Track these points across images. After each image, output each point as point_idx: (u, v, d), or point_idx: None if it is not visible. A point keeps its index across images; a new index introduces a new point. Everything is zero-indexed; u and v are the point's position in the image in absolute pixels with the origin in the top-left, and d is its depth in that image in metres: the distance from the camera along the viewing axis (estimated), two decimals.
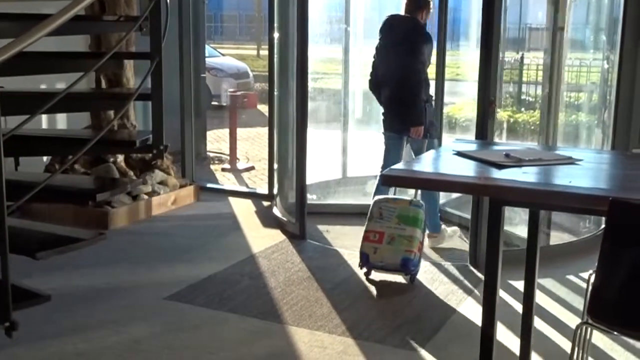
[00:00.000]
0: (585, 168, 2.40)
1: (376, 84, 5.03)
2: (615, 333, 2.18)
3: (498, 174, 2.26)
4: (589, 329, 2.13)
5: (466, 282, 4.30)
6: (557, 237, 4.96)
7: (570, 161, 2.47)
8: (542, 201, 2.13)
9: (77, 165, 5.36)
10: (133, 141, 3.49)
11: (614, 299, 2.02)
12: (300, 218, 5.07)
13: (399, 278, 4.32)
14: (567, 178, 2.24)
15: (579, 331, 2.10)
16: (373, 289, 4.19)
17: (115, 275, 4.34)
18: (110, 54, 3.04)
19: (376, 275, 4.33)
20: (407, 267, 4.19)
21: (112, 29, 4.69)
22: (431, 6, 4.96)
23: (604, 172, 2.48)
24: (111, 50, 3.38)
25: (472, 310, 3.87)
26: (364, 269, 4.32)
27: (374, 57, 5.04)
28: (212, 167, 7.77)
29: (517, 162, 2.39)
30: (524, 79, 10.15)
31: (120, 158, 5.62)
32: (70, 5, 2.57)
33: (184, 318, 3.75)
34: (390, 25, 4.92)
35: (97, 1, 5.14)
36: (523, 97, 10.34)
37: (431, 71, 5.82)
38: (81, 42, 5.44)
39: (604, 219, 2.04)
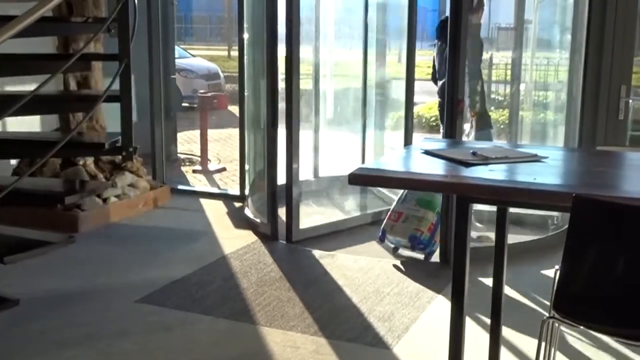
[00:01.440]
0: (551, 165, 2.44)
1: (434, 80, 5.62)
2: (581, 327, 2.21)
3: (465, 172, 2.29)
4: (556, 324, 2.17)
5: (437, 280, 4.34)
6: (526, 234, 5.03)
7: (535, 159, 2.51)
8: (507, 198, 2.17)
9: (45, 168, 5.30)
10: (102, 143, 3.48)
11: (579, 294, 2.06)
12: (272, 218, 5.07)
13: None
14: (532, 175, 2.27)
15: (545, 326, 2.13)
16: (345, 288, 4.21)
17: (85, 279, 4.31)
18: (77, 56, 3.02)
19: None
20: (414, 243, 4.67)
21: (80, 31, 4.66)
22: (482, 8, 5.17)
23: (568, 169, 2.52)
24: (78, 52, 3.35)
25: (443, 307, 3.90)
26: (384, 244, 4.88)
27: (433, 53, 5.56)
28: (183, 168, 7.74)
29: (484, 160, 2.42)
30: (494, 78, 10.25)
31: (90, 160, 5.58)
32: (37, 7, 2.56)
33: (156, 320, 3.74)
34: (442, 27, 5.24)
35: (64, 2, 5.09)
36: (493, 96, 10.45)
37: (401, 71, 5.87)
38: (48, 43, 5.39)
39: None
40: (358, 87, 7.52)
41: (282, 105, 6.31)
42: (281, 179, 5.08)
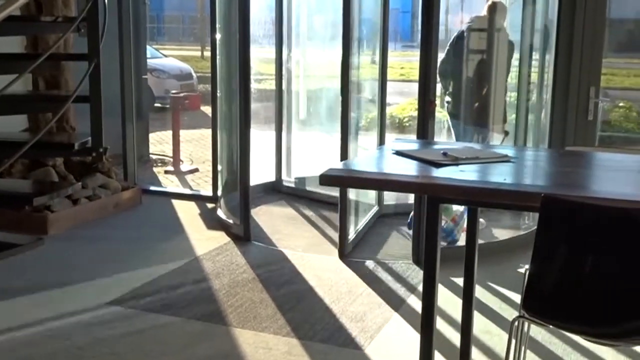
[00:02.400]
0: (520, 165, 2.46)
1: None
2: (551, 326, 2.23)
3: (436, 173, 2.30)
4: (526, 323, 2.18)
5: (409, 280, 4.35)
6: (499, 234, 5.07)
7: (506, 159, 2.52)
8: (477, 198, 2.18)
9: (14, 169, 5.23)
10: (71, 144, 3.45)
11: (548, 293, 2.08)
12: (244, 219, 5.05)
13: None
14: (502, 175, 2.29)
15: (514, 325, 2.15)
16: (318, 289, 4.21)
17: (55, 282, 4.25)
18: (46, 56, 2.99)
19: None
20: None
21: (49, 30, 4.60)
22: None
23: (538, 169, 2.55)
24: (47, 52, 3.31)
25: (415, 307, 3.92)
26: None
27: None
28: (155, 169, 7.68)
29: (454, 160, 2.44)
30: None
31: (60, 161, 5.51)
32: (4, 5, 2.52)
33: (127, 323, 3.70)
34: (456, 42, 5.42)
35: (33, 1, 5.03)
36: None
37: (374, 72, 5.89)
38: (17, 43, 5.32)
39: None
40: (331, 87, 7.52)
41: (255, 106, 6.31)
42: (254, 180, 5.08)
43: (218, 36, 5.67)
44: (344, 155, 4.73)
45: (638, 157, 2.83)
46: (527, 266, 2.20)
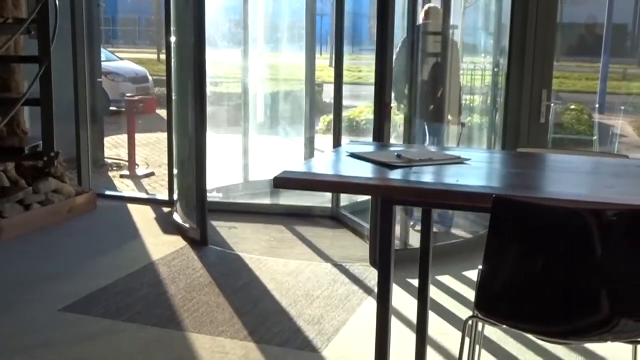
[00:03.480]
0: (473, 167, 2.49)
1: None
2: (504, 326, 2.26)
3: (389, 175, 2.31)
4: (480, 323, 2.20)
5: (366, 283, 4.37)
6: (454, 235, 5.12)
7: (459, 161, 2.55)
8: (430, 200, 2.20)
9: None
10: (22, 148, 3.38)
11: (500, 293, 2.10)
12: (201, 223, 5.01)
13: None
14: (455, 177, 2.31)
15: (468, 325, 2.17)
16: (275, 292, 4.19)
17: (6, 289, 4.16)
18: None
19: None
20: (442, 220, 5.14)
21: None
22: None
23: (490, 171, 2.58)
24: None
25: (372, 309, 3.91)
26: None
27: None
28: (111, 174, 7.58)
29: (408, 162, 2.45)
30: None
31: (11, 166, 5.39)
32: None
33: (80, 330, 3.64)
34: None
35: None
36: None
37: (330, 75, 5.91)
38: None
39: None
40: (289, 91, 7.52)
41: (211, 109, 6.26)
42: (211, 184, 5.04)
43: (173, 39, 5.62)
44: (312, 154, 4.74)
45: (587, 158, 2.89)
46: (480, 267, 2.22)
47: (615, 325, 2.03)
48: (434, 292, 4.19)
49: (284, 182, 2.22)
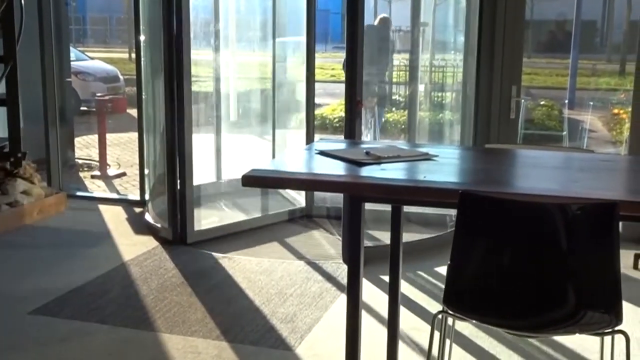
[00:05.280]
0: (441, 163, 2.50)
1: None
2: (474, 321, 2.28)
3: (358, 172, 2.32)
4: (449, 318, 2.22)
5: (339, 280, 4.38)
6: (426, 232, 5.14)
7: (427, 157, 2.56)
8: (397, 196, 2.21)
9: None
10: None
11: (467, 288, 2.12)
12: (172, 223, 4.98)
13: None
14: (423, 173, 2.32)
15: (437, 319, 2.18)
16: (248, 291, 4.18)
17: None
18: None
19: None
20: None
21: None
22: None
23: (457, 166, 2.59)
24: None
25: (344, 306, 3.92)
26: None
27: None
28: (82, 174, 7.50)
29: (376, 159, 2.46)
30: (394, 79, 10.47)
31: None
32: None
33: (50, 332, 3.60)
34: None
35: None
36: (394, 97, 10.67)
37: (301, 73, 5.91)
38: None
39: None
40: (261, 89, 7.50)
41: None
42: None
43: (142, 38, 5.58)
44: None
45: (554, 153, 2.92)
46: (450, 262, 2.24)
47: (582, 317, 2.06)
48: (406, 288, 4.22)
49: (252, 181, 2.21)
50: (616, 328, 2.06)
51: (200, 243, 5.06)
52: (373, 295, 4.05)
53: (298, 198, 6.02)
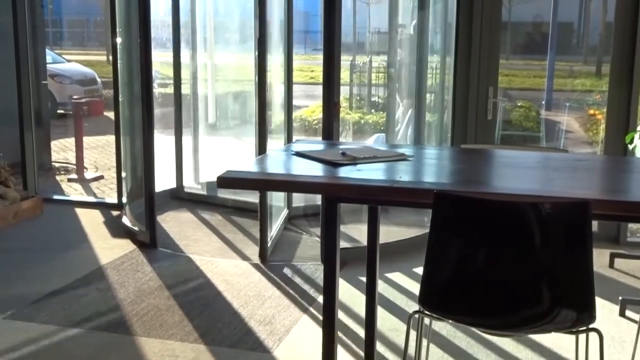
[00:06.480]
0: (417, 164, 2.51)
1: None
2: (450, 321, 2.28)
3: (334, 173, 2.31)
4: (426, 318, 2.22)
5: (318, 281, 4.37)
6: (404, 232, 5.16)
7: (402, 157, 2.57)
8: (372, 197, 2.21)
9: None
10: None
11: (442, 287, 2.12)
12: (150, 226, 4.95)
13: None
14: (398, 174, 2.33)
15: (412, 320, 2.18)
16: (226, 294, 4.17)
17: None
18: None
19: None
20: None
21: None
22: None
23: (433, 166, 2.60)
24: None
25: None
26: None
27: None
28: (58, 177, 7.44)
29: (352, 160, 2.46)
30: (373, 81, 10.50)
31: None
32: None
33: (26, 337, 3.55)
34: None
35: None
36: (373, 99, 10.70)
37: (280, 75, 5.91)
38: None
39: None
40: (240, 91, 7.49)
41: (159, 111, 6.19)
42: (161, 186, 4.98)
43: (119, 40, 5.54)
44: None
45: (529, 153, 2.94)
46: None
47: (556, 315, 2.07)
48: (385, 289, 4.23)
49: (227, 182, 2.20)
50: (590, 326, 2.07)
51: (178, 246, 5.03)
52: (352, 297, 4.05)
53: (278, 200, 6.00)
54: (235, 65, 7.59)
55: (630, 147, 4.17)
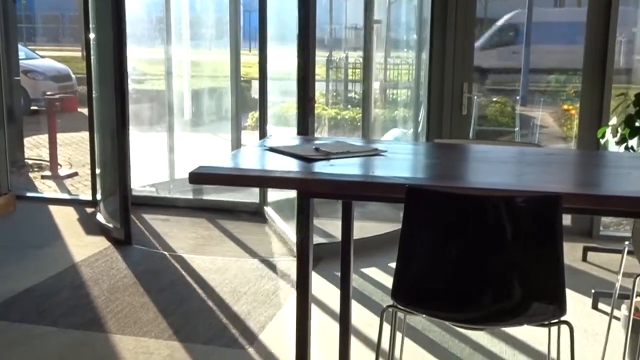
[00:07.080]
0: (390, 159, 2.51)
1: None
2: (424, 315, 2.29)
3: (307, 168, 2.31)
4: (400, 313, 2.23)
5: (293, 277, 4.37)
6: (381, 227, 5.17)
7: (375, 152, 2.57)
8: (345, 192, 2.20)
9: None
10: None
11: (415, 282, 2.13)
12: (124, 223, 4.92)
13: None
14: (371, 169, 2.33)
15: (385, 314, 2.19)
16: (201, 290, 4.15)
17: None
18: None
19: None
20: None
21: None
22: None
23: (406, 161, 2.61)
24: None
25: None
26: None
27: None
28: (32, 174, 7.36)
29: (325, 155, 2.46)
30: (350, 77, 10.51)
31: None
32: None
33: None
34: None
35: None
36: (350, 94, 10.71)
37: (254, 70, 5.89)
38: None
39: None
40: (215, 87, 7.46)
41: (136, 107, 6.15)
42: (136, 182, 4.95)
43: (92, 36, 5.49)
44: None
45: (502, 147, 2.96)
46: None
47: (527, 309, 2.08)
48: (360, 284, 4.23)
49: (199, 178, 2.19)
50: (562, 319, 2.09)
51: (153, 243, 5.00)
52: (327, 292, 4.05)
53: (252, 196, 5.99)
54: (210, 62, 7.56)
55: (602, 141, 4.22)
